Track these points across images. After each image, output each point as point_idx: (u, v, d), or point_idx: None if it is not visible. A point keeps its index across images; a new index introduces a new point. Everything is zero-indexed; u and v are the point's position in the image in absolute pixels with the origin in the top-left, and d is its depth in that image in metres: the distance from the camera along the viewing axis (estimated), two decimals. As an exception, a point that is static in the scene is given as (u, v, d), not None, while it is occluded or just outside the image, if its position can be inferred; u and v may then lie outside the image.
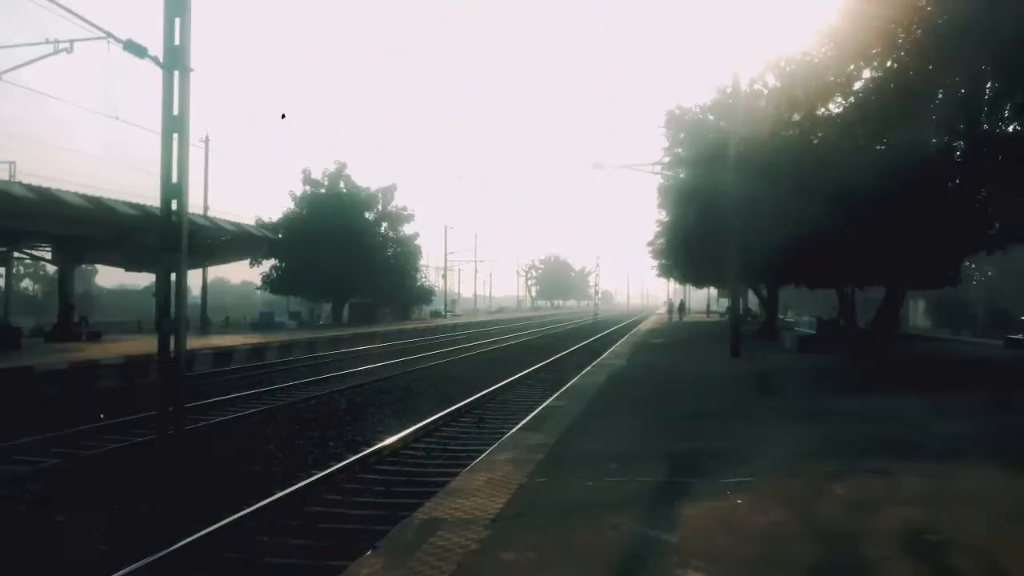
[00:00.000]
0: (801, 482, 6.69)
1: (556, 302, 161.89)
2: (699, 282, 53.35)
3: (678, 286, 75.69)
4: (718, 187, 21.00)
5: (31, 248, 30.92)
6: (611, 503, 6.07)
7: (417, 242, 60.82)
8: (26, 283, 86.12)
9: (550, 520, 5.61)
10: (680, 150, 29.98)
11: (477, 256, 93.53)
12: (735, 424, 10.04)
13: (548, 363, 24.09)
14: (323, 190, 54.22)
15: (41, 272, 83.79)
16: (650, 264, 55.50)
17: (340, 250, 48.30)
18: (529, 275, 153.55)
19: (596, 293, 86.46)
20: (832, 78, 16.12)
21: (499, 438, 9.86)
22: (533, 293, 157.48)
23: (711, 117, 28.27)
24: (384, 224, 57.81)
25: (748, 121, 20.16)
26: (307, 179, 54.16)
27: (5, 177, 23.29)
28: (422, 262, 64.24)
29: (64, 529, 7.29)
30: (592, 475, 7.06)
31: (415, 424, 12.31)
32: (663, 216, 39.92)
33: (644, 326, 49.68)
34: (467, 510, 5.82)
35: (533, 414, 11.42)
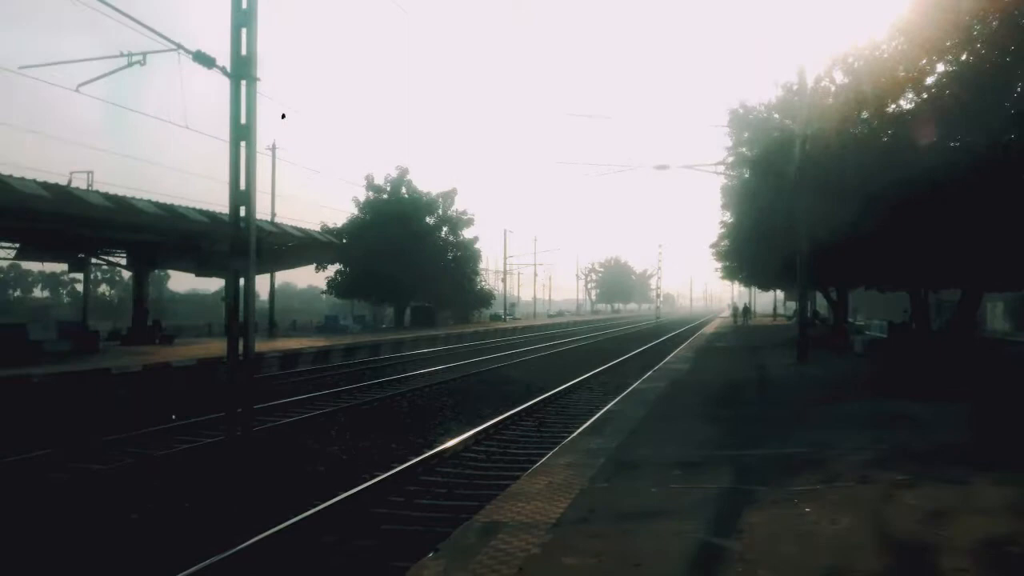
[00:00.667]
0: (871, 490, 6.49)
1: (616, 305, 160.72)
2: (765, 285, 52.33)
3: (743, 289, 74.33)
4: (784, 187, 20.57)
5: (108, 254, 32.23)
6: (674, 509, 6.00)
7: (477, 246, 61.31)
8: (103, 288, 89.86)
9: (612, 526, 5.57)
10: (744, 149, 29.43)
11: (536, 259, 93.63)
12: (802, 430, 9.81)
13: (608, 367, 23.94)
14: (385, 195, 55.12)
15: (117, 277, 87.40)
16: (714, 266, 54.55)
17: (402, 254, 49.05)
18: (589, 278, 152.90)
19: (658, 296, 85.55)
20: (903, 73, 15.64)
21: (559, 442, 9.85)
22: (593, 296, 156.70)
23: (776, 115, 27.67)
24: (444, 228, 58.44)
25: (814, 119, 19.69)
26: (370, 185, 55.16)
27: (83, 186, 24.31)
28: (482, 266, 64.71)
29: (137, 526, 7.56)
30: (654, 481, 6.99)
31: (475, 427, 12.38)
32: (727, 217, 39.25)
33: (707, 330, 48.93)
34: (528, 514, 5.82)
35: (594, 418, 11.36)
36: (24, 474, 9.82)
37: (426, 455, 10.32)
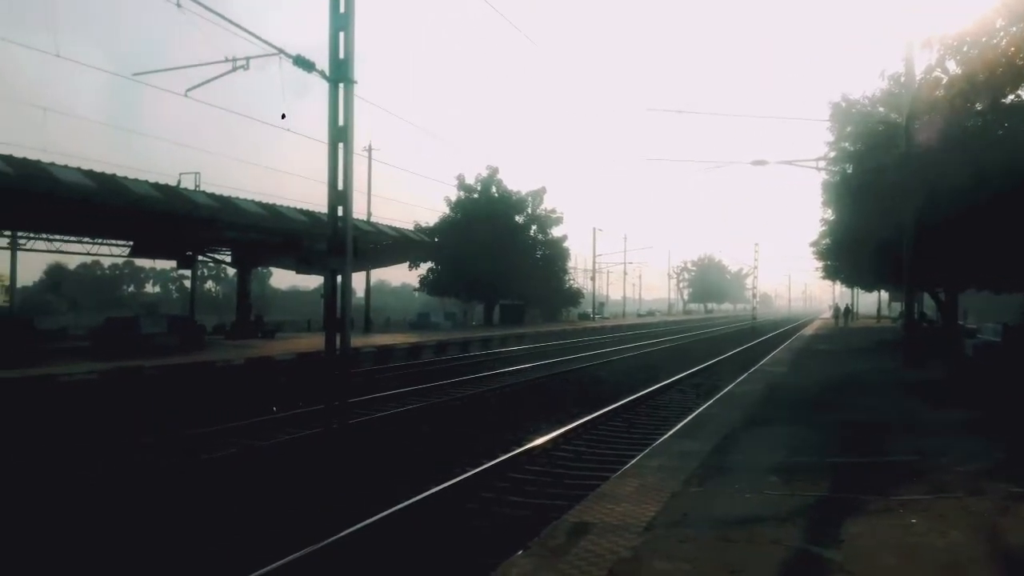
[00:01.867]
0: (985, 502, 6.12)
1: (710, 305, 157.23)
2: (868, 285, 50.14)
3: (845, 289, 71.45)
4: (889, 182, 19.64)
5: (214, 252, 33.84)
6: (771, 516, 5.82)
7: (565, 244, 61.36)
8: (209, 284, 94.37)
9: (705, 531, 5.46)
10: (847, 144, 28.28)
11: (626, 257, 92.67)
12: (908, 437, 9.34)
13: (701, 368, 23.46)
14: (476, 195, 55.78)
15: (222, 274, 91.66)
16: (814, 265, 52.63)
17: (491, 252, 49.55)
18: (681, 277, 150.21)
19: (754, 296, 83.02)
20: (1021, 62, 14.65)
21: (650, 444, 9.71)
22: (685, 296, 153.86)
23: (881, 109, 26.47)
24: (533, 227, 58.69)
25: (922, 111, 18.70)
26: (461, 184, 55.94)
27: (191, 187, 25.59)
28: (570, 264, 64.66)
29: (242, 514, 7.90)
30: (750, 486, 6.80)
31: (564, 426, 12.36)
32: (828, 214, 37.80)
33: (807, 331, 47.28)
34: (618, 516, 5.77)
35: (686, 420, 11.16)
36: (135, 462, 10.42)
37: (515, 452, 10.37)
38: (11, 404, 14.12)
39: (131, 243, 29.72)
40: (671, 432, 10.16)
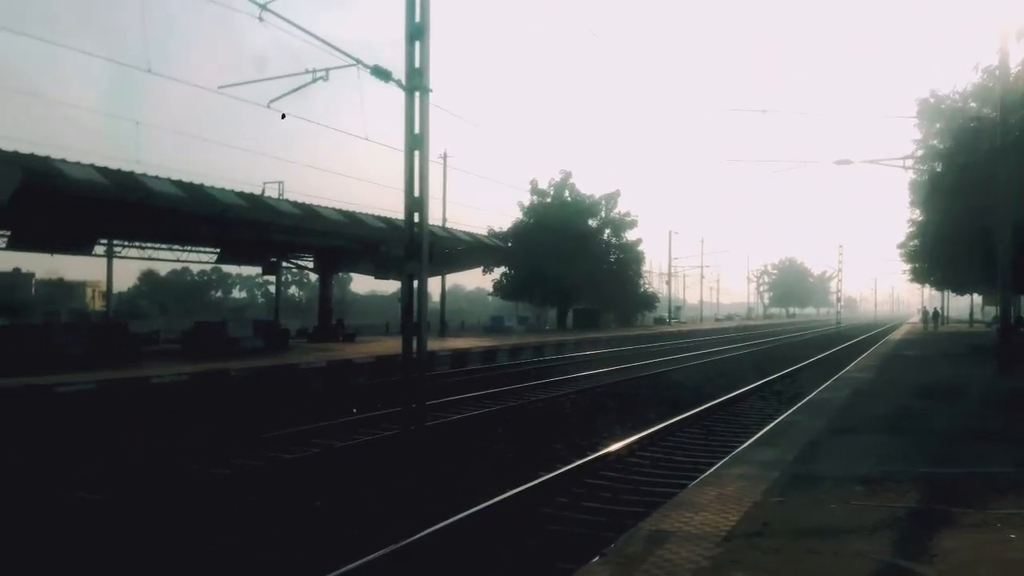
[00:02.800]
0: (1095, 522, 5.74)
1: (791, 310, 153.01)
2: (960, 288, 47.97)
3: (935, 292, 68.42)
4: (981, 180, 18.72)
5: (296, 258, 34.86)
6: (856, 528, 5.60)
7: (640, 247, 60.72)
8: (293, 289, 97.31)
9: (787, 542, 5.29)
10: (935, 142, 27.13)
11: (704, 261, 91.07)
12: (1006, 448, 8.86)
13: (783, 375, 22.83)
14: (549, 199, 55.81)
15: (305, 280, 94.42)
16: (901, 268, 50.65)
17: (564, 257, 49.45)
18: (761, 280, 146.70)
19: (838, 300, 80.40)
20: None
21: (730, 452, 9.50)
22: (765, 300, 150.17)
23: (972, 104, 25.29)
24: (607, 230, 58.32)
25: (1018, 105, 17.78)
26: (534, 189, 56.06)
27: (274, 195, 26.41)
28: (645, 268, 63.93)
29: (318, 514, 8.09)
30: (835, 497, 6.57)
31: (640, 432, 12.21)
32: (916, 215, 36.34)
33: (894, 336, 45.45)
34: (696, 525, 5.66)
35: (767, 428, 10.86)
36: (217, 461, 10.80)
37: (590, 457, 10.30)
38: (112, 404, 14.86)
39: (218, 250, 30.89)
40: (751, 440, 9.91)
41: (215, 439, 12.19)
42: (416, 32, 11.07)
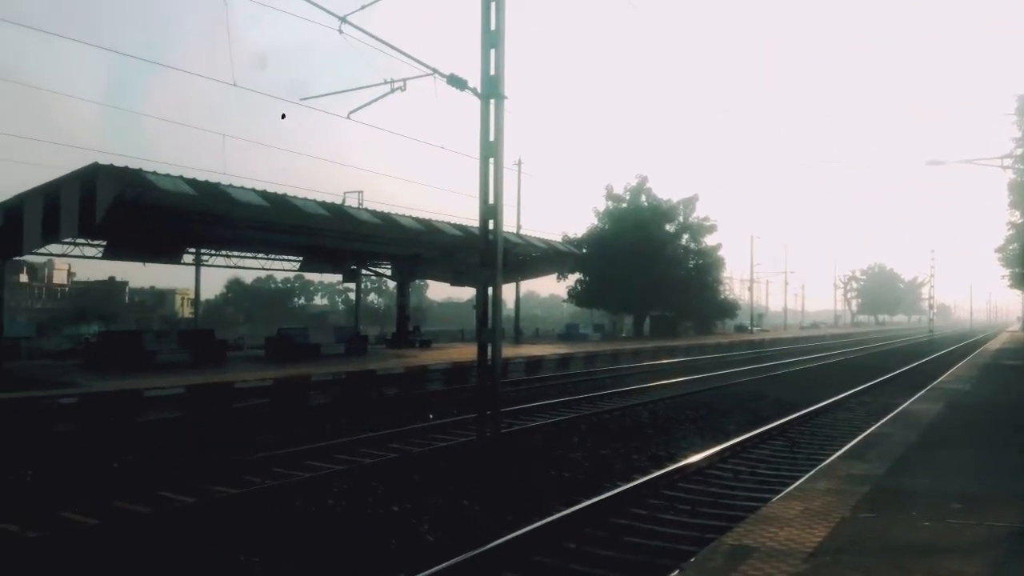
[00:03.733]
0: None
1: (881, 317, 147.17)
2: (1066, 294, 45.12)
3: (1037, 299, 64.66)
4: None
5: (375, 266, 35.57)
6: (952, 547, 5.31)
7: (720, 253, 59.39)
8: (372, 296, 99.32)
9: (878, 560, 5.06)
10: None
11: (787, 267, 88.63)
12: (1123, 468, 8.26)
13: (872, 385, 21.97)
14: (624, 204, 55.31)
15: (383, 287, 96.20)
16: (999, 273, 48.06)
17: (640, 263, 48.90)
18: (848, 287, 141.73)
19: (930, 307, 76.87)
20: None
21: (816, 465, 9.19)
22: (853, 307, 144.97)
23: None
24: (685, 235, 57.36)
25: None
26: (609, 194, 55.67)
27: (354, 204, 27.02)
28: (725, 274, 62.53)
29: (396, 517, 8.20)
30: (929, 514, 6.25)
31: (721, 443, 11.94)
32: (1016, 217, 34.46)
33: (992, 345, 43.17)
34: (781, 540, 5.48)
35: (856, 441, 10.45)
36: (296, 465, 11.08)
37: (669, 468, 10.13)
38: (197, 407, 15.46)
39: (300, 258, 31.80)
40: (839, 453, 9.55)
41: (295, 441, 12.52)
42: (491, 40, 11.16)
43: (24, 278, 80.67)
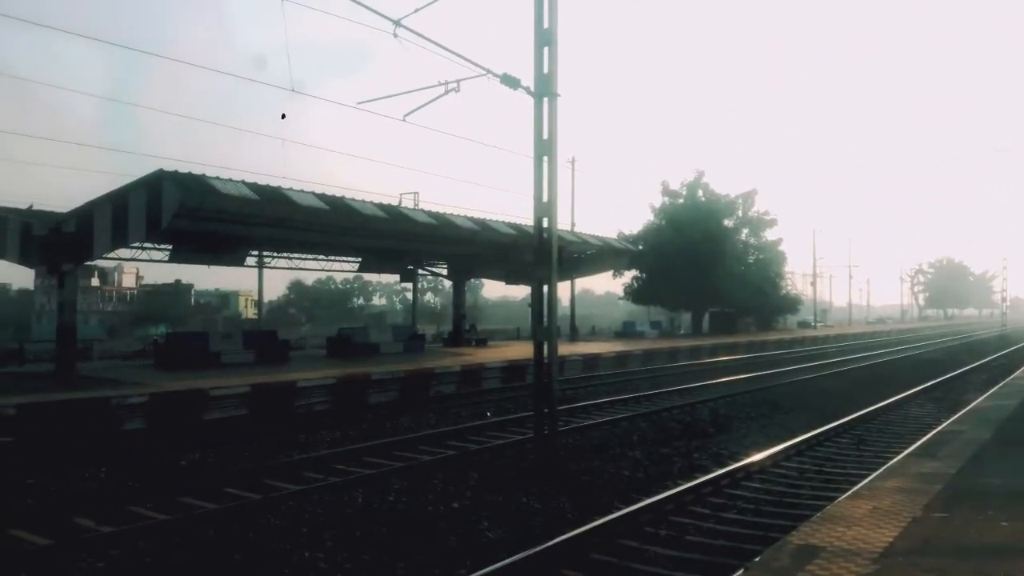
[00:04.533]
0: None
1: (950, 311, 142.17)
2: None
3: (1121, 291, 61.56)
4: None
5: (431, 266, 35.89)
6: (1034, 550, 5.09)
7: (780, 248, 58.09)
8: (428, 296, 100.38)
9: (952, 562, 4.88)
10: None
11: (851, 260, 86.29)
12: None
13: (941, 381, 21.24)
14: (681, 200, 54.55)
15: (439, 286, 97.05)
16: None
17: (698, 258, 48.17)
18: (915, 281, 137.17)
19: (1003, 300, 73.93)
20: None
21: (884, 463, 8.91)
22: (920, 301, 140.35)
23: None
24: (744, 231, 56.29)
25: None
26: (665, 190, 54.96)
27: (410, 205, 27.29)
28: (787, 269, 61.05)
29: (455, 513, 8.25)
30: (1005, 513, 6.00)
31: (785, 441, 11.69)
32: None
33: (1071, 339, 41.30)
34: (849, 540, 5.33)
35: (926, 438, 10.11)
36: (356, 462, 11.24)
37: (731, 467, 9.96)
38: (260, 405, 15.84)
39: (359, 259, 32.28)
40: (908, 451, 9.25)
41: (356, 439, 12.72)
42: (545, 38, 11.12)
43: (95, 282, 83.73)
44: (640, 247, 47.94)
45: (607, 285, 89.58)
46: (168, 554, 6.99)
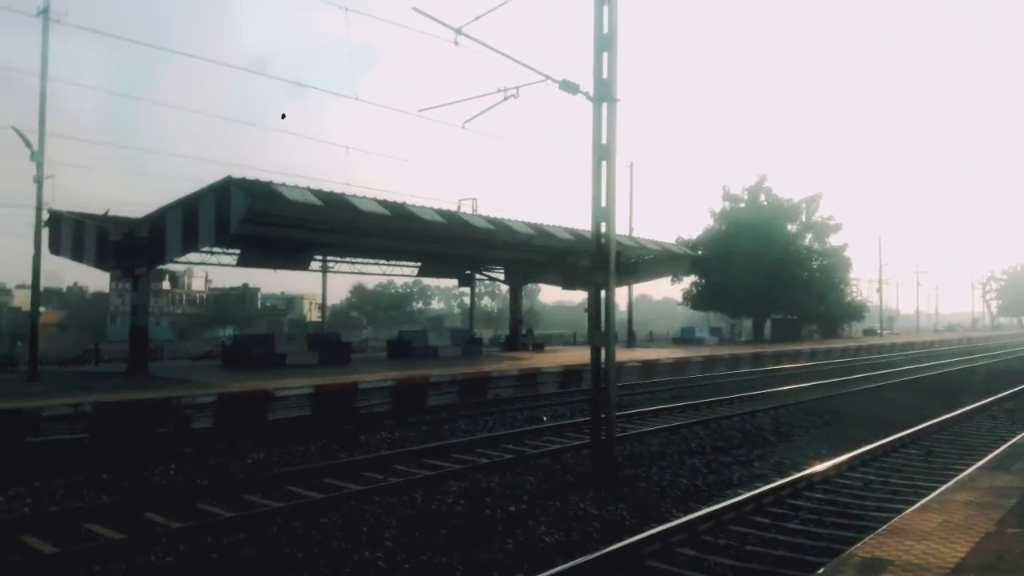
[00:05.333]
0: None
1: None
2: None
3: None
4: None
5: (488, 270, 36.09)
6: (1119, 571, 4.83)
7: (846, 253, 56.59)
8: (486, 300, 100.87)
9: (1029, 581, 4.68)
10: None
11: (919, 267, 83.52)
12: None
13: (1016, 392, 20.34)
14: (742, 204, 53.68)
15: (496, 291, 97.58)
16: None
17: (760, 264, 47.26)
18: (987, 287, 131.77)
19: (1083, 309, 70.45)
20: None
21: (954, 475, 8.59)
22: (993, 309, 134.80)
23: None
24: (808, 235, 55.07)
25: None
26: (726, 195, 54.16)
27: (469, 211, 27.48)
28: (852, 275, 59.42)
29: (512, 517, 8.25)
30: (1088, 533, 5.72)
31: (849, 452, 11.36)
32: None
33: None
34: (918, 554, 5.15)
35: (999, 451, 9.70)
36: (415, 463, 11.34)
37: (793, 477, 9.72)
38: (326, 405, 16.15)
39: (419, 264, 32.67)
40: (980, 463, 8.90)
41: (414, 440, 12.85)
42: (604, 43, 11.08)
43: (167, 285, 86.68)
44: (700, 252, 47.31)
45: (665, 291, 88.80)
46: (234, 550, 7.17)
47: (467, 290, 43.29)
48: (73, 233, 21.36)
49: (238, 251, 25.81)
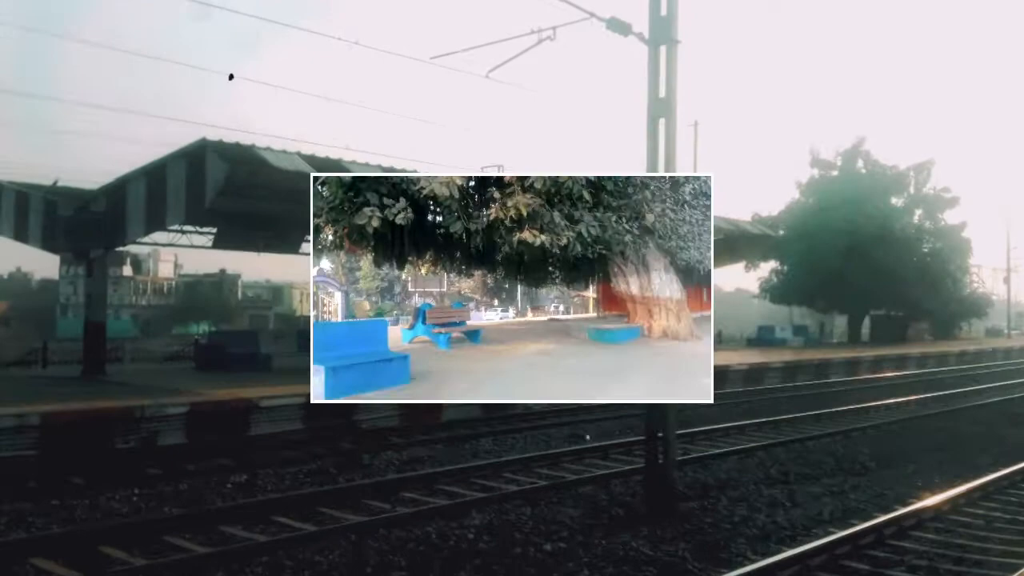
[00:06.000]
0: None
1: None
2: None
3: None
4: None
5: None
6: None
7: (964, 234, 55.57)
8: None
9: None
10: None
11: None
12: None
13: None
14: (835, 172, 53.11)
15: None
16: None
17: (856, 246, 46.68)
18: None
19: None
20: None
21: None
22: None
23: None
24: (918, 212, 54.20)
25: None
26: (815, 161, 53.55)
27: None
28: (971, 261, 58.37)
29: (548, 557, 8.29)
30: None
31: (968, 482, 11.25)
32: None
33: None
34: (1055, 611, 5.09)
35: None
36: (428, 491, 11.44)
37: (898, 512, 9.66)
38: (322, 418, 16.32)
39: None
40: None
41: (427, 462, 12.94)
42: (663, -29, 10.98)
43: (128, 271, 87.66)
44: (781, 232, 46.83)
45: (738, 279, 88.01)
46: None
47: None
48: (15, 208, 21.44)
49: (214, 230, 26.04)
